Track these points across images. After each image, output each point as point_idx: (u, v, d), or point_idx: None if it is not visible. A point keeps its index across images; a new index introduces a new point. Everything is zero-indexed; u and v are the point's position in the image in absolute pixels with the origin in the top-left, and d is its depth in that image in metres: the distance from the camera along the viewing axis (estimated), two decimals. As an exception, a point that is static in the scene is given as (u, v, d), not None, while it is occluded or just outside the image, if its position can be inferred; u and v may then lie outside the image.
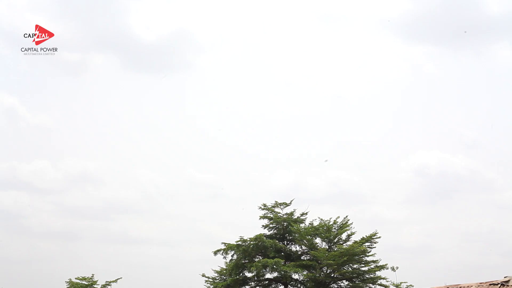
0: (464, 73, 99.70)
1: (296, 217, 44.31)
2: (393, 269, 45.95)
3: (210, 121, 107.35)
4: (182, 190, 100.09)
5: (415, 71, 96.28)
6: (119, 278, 50.30)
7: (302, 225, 44.13)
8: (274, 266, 40.27)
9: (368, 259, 41.65)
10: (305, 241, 42.82)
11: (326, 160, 68.17)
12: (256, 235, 42.63)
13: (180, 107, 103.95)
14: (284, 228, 43.74)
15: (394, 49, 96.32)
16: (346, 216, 43.66)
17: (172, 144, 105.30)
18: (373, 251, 41.88)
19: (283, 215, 44.31)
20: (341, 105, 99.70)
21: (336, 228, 43.18)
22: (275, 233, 44.24)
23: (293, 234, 43.28)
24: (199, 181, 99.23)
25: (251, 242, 42.45)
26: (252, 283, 43.59)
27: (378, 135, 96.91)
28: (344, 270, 40.84)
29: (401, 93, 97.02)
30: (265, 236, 43.26)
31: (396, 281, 44.78)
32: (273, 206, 44.76)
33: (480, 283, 16.86)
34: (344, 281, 42.29)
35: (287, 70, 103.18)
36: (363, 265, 41.64)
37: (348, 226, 43.17)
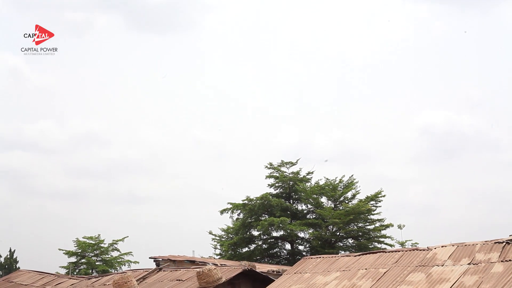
0: (471, 32, 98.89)
1: (302, 176, 44.54)
2: (399, 227, 46.19)
3: (215, 80, 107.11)
4: (187, 149, 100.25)
5: (421, 30, 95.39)
6: (125, 237, 50.82)
7: (308, 184, 44.40)
8: (280, 225, 40.62)
9: (374, 217, 41.95)
10: (311, 200, 43.11)
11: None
12: (262, 194, 42.95)
13: (185, 67, 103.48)
14: (290, 187, 44.01)
15: (399, 8, 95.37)
16: (352, 175, 43.92)
17: (176, 104, 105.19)
18: (378, 210, 42.17)
19: (289, 174, 44.53)
20: (347, 64, 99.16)
21: (342, 187, 43.43)
22: (281, 192, 44.52)
23: (299, 193, 43.56)
24: (204, 140, 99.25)
25: (257, 201, 42.77)
26: (259, 241, 44.00)
27: (383, 94, 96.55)
28: (350, 229, 41.18)
29: (407, 52, 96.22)
30: (271, 195, 43.56)
31: (402, 239, 45.12)
32: (279, 165, 44.98)
33: (486, 241, 16.99)
34: (349, 239, 42.66)
35: (292, 30, 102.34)
36: (369, 224, 41.98)
37: (353, 185, 43.41)
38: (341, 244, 42.64)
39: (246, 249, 43.72)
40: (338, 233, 41.89)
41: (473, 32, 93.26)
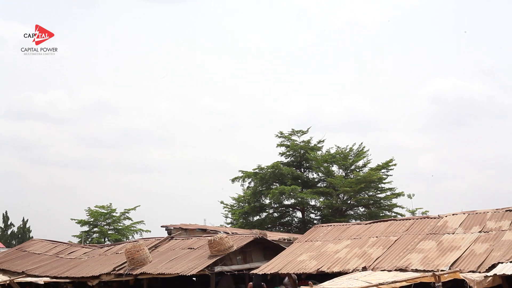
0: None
1: (312, 144, 44.51)
2: (409, 196, 46.22)
3: (225, 50, 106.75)
4: (197, 119, 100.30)
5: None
6: (137, 206, 51.10)
7: (319, 152, 44.37)
8: (291, 193, 40.68)
9: (384, 186, 41.97)
10: (322, 169, 43.11)
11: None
12: (273, 163, 42.98)
13: (194, 36, 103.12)
14: (301, 156, 44.00)
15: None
16: (362, 144, 43.87)
17: (187, 73, 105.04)
18: (389, 178, 42.16)
19: (300, 142, 44.50)
20: (356, 32, 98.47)
21: (353, 156, 43.40)
22: (292, 161, 44.54)
23: (310, 162, 43.55)
24: (215, 109, 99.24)
25: (268, 170, 42.82)
26: (270, 209, 44.14)
27: (394, 62, 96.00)
28: (361, 197, 41.20)
29: (418, 20, 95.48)
30: (282, 163, 43.58)
31: (412, 208, 45.16)
32: (290, 134, 44.94)
33: (496, 209, 16.99)
34: (360, 208, 42.72)
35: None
36: (380, 192, 42.00)
37: (364, 153, 43.37)
38: (352, 213, 42.73)
39: (257, 217, 43.88)
40: (349, 202, 41.94)
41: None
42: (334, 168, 43.38)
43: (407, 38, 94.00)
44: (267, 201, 43.34)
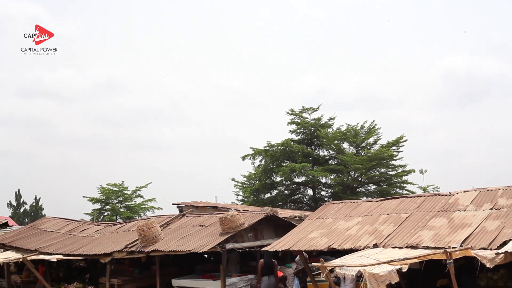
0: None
1: (323, 122, 44.45)
2: (421, 171, 46.21)
3: (235, 26, 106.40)
4: (208, 96, 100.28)
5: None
6: (148, 183, 51.36)
7: (329, 130, 44.34)
8: (302, 171, 40.74)
9: (395, 163, 41.96)
10: (332, 146, 43.11)
11: None
12: (284, 140, 42.99)
13: (204, 13, 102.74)
14: (311, 133, 43.99)
15: None
16: (373, 121, 43.79)
17: (197, 50, 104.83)
18: (400, 155, 42.14)
19: (311, 120, 44.45)
20: (366, 7, 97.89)
21: (364, 133, 43.36)
22: (302, 138, 44.54)
23: (321, 139, 43.55)
24: (225, 87, 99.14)
25: (279, 147, 42.85)
26: (281, 187, 44.23)
27: (405, 38, 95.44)
28: (372, 174, 41.23)
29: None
30: (292, 141, 43.60)
31: (424, 184, 45.15)
32: (301, 111, 44.90)
33: (508, 186, 16.93)
34: (371, 185, 42.76)
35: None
36: (390, 170, 42.00)
37: (375, 131, 43.33)
38: (363, 190, 42.79)
39: (268, 195, 44.01)
40: (360, 179, 41.97)
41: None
42: (345, 145, 43.42)
43: (418, 15, 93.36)
44: (278, 179, 43.45)
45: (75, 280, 23.48)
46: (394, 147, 42.14)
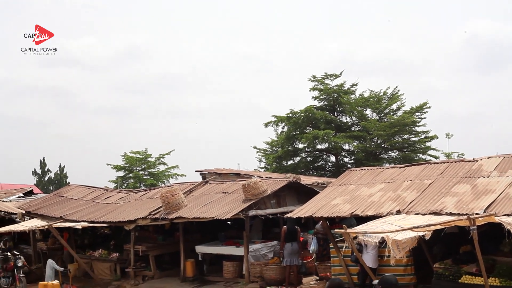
0: None
1: (346, 88, 44.20)
2: (447, 135, 45.89)
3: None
4: (230, 63, 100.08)
5: None
6: (171, 151, 51.56)
7: (352, 96, 44.12)
8: (325, 137, 40.64)
9: (419, 129, 41.74)
10: (355, 112, 42.95)
11: None
12: (306, 107, 42.84)
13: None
14: (334, 100, 43.76)
15: None
16: (396, 87, 43.48)
17: (219, 17, 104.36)
18: (423, 121, 41.88)
19: (333, 86, 44.21)
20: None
21: (386, 99, 43.13)
22: (325, 105, 44.34)
23: (344, 106, 43.36)
24: (248, 53, 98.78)
25: (301, 114, 42.72)
26: (303, 154, 44.22)
27: (428, 4, 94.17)
28: (394, 141, 41.06)
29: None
30: (315, 108, 43.42)
31: (447, 151, 44.89)
32: (323, 78, 44.63)
33: (533, 152, 16.81)
34: (394, 151, 42.62)
35: None
36: (413, 136, 41.79)
37: (398, 97, 43.06)
38: (386, 156, 42.69)
39: (291, 162, 44.03)
40: (383, 145, 41.85)
41: None
42: (368, 111, 43.24)
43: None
44: (301, 146, 43.43)
45: (100, 247, 23.76)
46: (417, 113, 41.88)
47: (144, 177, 50.40)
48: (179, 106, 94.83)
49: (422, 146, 41.63)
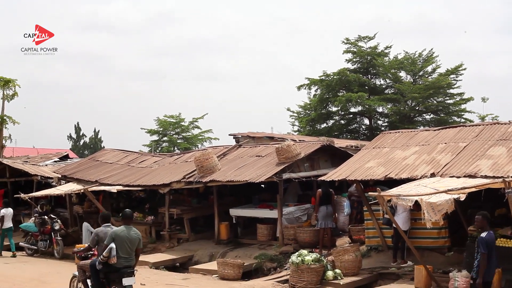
0: None
1: (380, 50, 43.71)
2: (483, 99, 45.37)
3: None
4: (262, 26, 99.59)
5: None
6: (205, 114, 51.78)
7: (386, 58, 43.64)
8: (358, 100, 40.35)
9: (454, 92, 41.23)
10: (389, 75, 42.52)
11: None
12: (340, 70, 42.48)
13: None
14: (367, 62, 43.34)
15: None
16: (431, 49, 42.88)
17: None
18: (458, 84, 41.35)
19: (367, 49, 43.76)
20: None
21: (421, 61, 42.57)
22: (358, 67, 43.94)
23: (377, 68, 42.93)
24: (280, 16, 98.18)
25: (335, 77, 42.40)
26: (336, 117, 44.03)
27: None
28: (429, 103, 40.68)
29: None
30: (348, 70, 43.05)
31: (483, 113, 44.37)
32: (356, 40, 44.17)
33: None
34: (428, 114, 42.24)
35: None
36: (448, 98, 41.34)
37: (433, 59, 42.49)
38: (420, 119, 42.32)
39: (324, 125, 43.88)
40: (417, 108, 41.49)
41: None
42: (402, 74, 42.75)
43: None
44: (334, 109, 43.19)
45: (135, 210, 24.03)
46: (452, 75, 41.33)
47: (178, 141, 50.80)
48: (212, 69, 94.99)
49: (457, 108, 41.16)
